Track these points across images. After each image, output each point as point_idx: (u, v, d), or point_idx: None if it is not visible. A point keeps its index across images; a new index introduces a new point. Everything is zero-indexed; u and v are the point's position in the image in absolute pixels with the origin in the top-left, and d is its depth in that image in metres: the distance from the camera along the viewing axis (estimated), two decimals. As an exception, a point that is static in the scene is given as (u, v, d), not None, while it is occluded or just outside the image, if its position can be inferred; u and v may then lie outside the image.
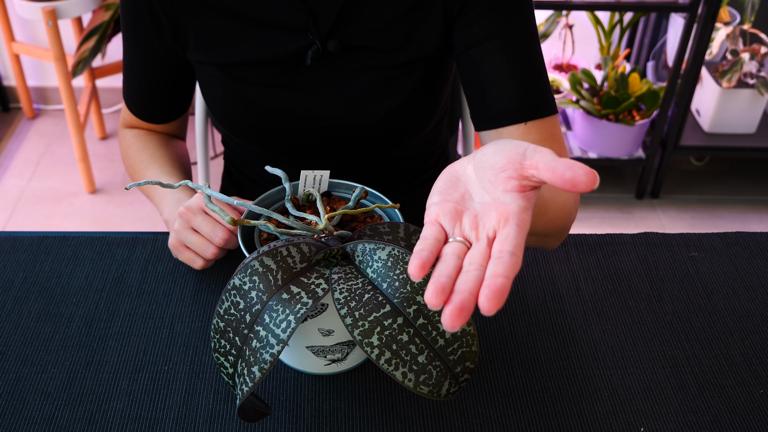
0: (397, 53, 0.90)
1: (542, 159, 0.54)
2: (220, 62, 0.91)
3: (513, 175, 0.56)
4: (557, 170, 0.52)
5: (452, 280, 0.51)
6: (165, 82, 0.97)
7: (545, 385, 0.79)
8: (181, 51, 0.93)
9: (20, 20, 2.53)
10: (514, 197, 0.56)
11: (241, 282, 0.64)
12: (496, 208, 0.55)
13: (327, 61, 0.90)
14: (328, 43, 0.89)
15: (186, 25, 0.90)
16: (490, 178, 0.58)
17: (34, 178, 2.43)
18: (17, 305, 0.86)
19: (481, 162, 0.59)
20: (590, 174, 0.51)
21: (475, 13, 0.87)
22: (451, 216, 0.57)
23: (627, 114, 2.25)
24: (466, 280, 0.51)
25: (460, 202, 0.58)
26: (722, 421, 0.76)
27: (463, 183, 0.60)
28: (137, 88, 0.99)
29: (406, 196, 1.09)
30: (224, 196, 0.75)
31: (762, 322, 0.87)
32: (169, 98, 1.00)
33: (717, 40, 2.18)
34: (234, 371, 0.65)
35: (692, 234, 0.99)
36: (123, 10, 0.92)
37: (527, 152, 0.56)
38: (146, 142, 1.02)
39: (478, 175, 0.59)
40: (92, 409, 0.75)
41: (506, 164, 0.57)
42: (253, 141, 0.98)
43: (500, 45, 0.87)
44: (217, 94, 0.95)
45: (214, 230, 0.83)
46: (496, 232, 0.54)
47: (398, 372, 0.61)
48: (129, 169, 1.04)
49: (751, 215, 2.39)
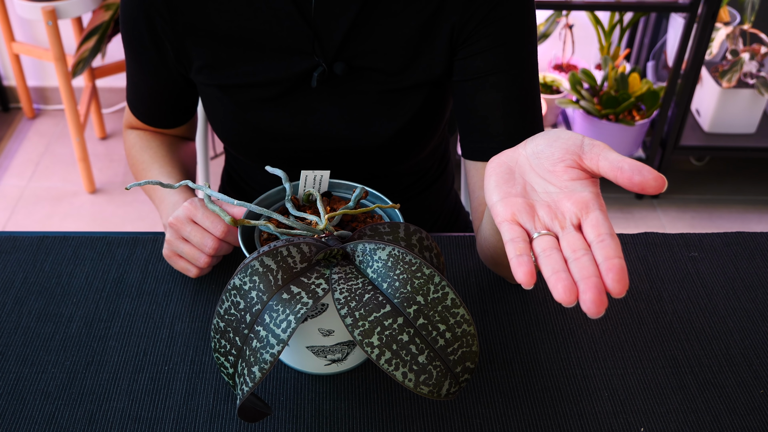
0: (402, 76, 0.89)
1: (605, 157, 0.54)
2: (222, 84, 0.91)
3: (572, 165, 0.56)
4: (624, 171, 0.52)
5: (569, 273, 0.51)
6: (169, 96, 0.97)
7: (545, 385, 0.79)
8: (184, 71, 0.93)
9: (20, 20, 2.53)
10: (583, 185, 0.55)
11: (242, 282, 0.64)
12: (569, 197, 0.55)
13: (332, 83, 0.90)
14: (334, 65, 0.88)
15: (188, 49, 0.89)
16: (548, 168, 0.57)
17: (34, 178, 2.43)
18: (17, 305, 0.86)
19: (535, 153, 0.58)
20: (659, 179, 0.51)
21: (479, 45, 0.86)
22: (526, 212, 0.56)
23: (627, 114, 2.25)
24: (583, 266, 0.50)
25: (526, 195, 0.58)
26: (722, 421, 0.76)
27: (518, 174, 0.59)
28: (142, 100, 0.98)
29: (407, 203, 1.09)
30: (224, 196, 0.75)
31: (762, 322, 0.87)
32: (174, 108, 1.00)
33: (717, 40, 2.18)
34: (234, 371, 0.65)
35: (692, 234, 0.99)
36: (124, 31, 0.91)
37: (584, 146, 0.56)
38: (149, 142, 1.02)
39: (534, 165, 0.58)
40: (92, 409, 0.75)
41: (564, 155, 0.56)
42: (255, 158, 0.98)
43: (498, 82, 0.86)
44: (219, 114, 0.94)
45: (204, 239, 0.83)
46: (579, 219, 0.54)
47: (398, 372, 0.61)
48: (132, 168, 1.04)
49: (751, 215, 2.39)
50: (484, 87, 0.87)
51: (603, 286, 0.49)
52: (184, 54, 0.90)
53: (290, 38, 0.87)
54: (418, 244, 0.71)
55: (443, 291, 0.64)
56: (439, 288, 0.64)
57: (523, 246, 0.54)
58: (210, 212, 0.83)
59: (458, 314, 0.63)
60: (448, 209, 1.18)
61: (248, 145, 0.96)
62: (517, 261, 0.52)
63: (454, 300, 0.63)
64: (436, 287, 0.64)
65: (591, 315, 0.48)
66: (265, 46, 0.88)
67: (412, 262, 0.64)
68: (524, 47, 0.86)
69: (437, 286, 0.64)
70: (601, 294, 0.49)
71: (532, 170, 0.59)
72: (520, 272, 0.51)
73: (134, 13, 0.88)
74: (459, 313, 0.63)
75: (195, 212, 0.83)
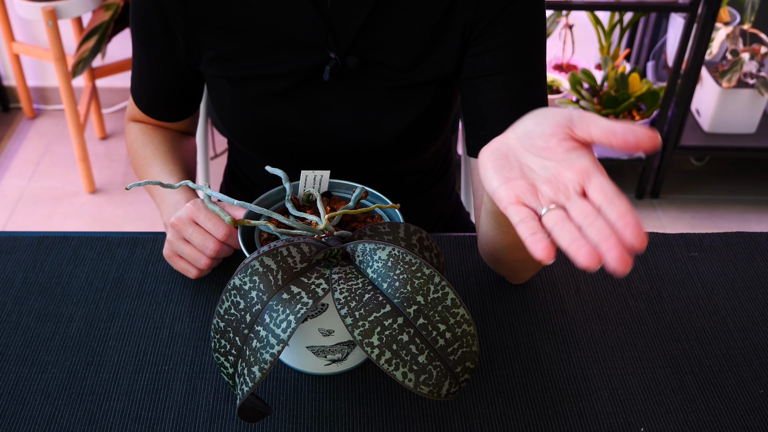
0: (412, 72, 0.89)
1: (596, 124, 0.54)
2: (232, 76, 0.91)
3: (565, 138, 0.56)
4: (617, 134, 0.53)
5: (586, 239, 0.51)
6: (175, 87, 0.97)
7: (545, 385, 0.79)
8: (193, 63, 0.93)
9: (20, 20, 2.53)
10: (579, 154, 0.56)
11: (242, 282, 0.64)
12: (568, 167, 0.56)
13: (343, 77, 0.90)
14: (347, 58, 0.88)
15: (199, 40, 0.89)
16: (541, 145, 0.58)
17: (34, 178, 2.43)
18: (17, 305, 0.86)
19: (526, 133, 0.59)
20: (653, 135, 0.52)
21: (489, 44, 0.86)
22: (529, 192, 0.57)
23: (627, 114, 2.25)
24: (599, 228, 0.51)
25: (525, 176, 0.58)
26: (722, 421, 0.76)
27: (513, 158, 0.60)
28: (147, 90, 0.98)
29: (410, 202, 1.09)
30: (225, 196, 0.74)
31: (762, 322, 0.87)
32: (179, 100, 0.99)
33: (717, 40, 2.18)
34: (234, 371, 0.65)
35: (692, 234, 0.99)
36: (134, 22, 0.91)
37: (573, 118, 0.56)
38: (151, 137, 1.01)
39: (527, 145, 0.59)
40: (92, 409, 0.75)
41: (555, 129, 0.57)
42: (262, 153, 0.97)
43: (506, 81, 0.86)
44: (227, 106, 0.94)
45: (206, 241, 0.83)
46: (582, 186, 0.54)
47: (398, 372, 0.61)
48: (133, 163, 1.03)
49: (751, 215, 2.39)
50: (492, 85, 0.87)
51: (623, 244, 0.49)
52: (194, 45, 0.90)
53: (304, 31, 0.87)
54: (418, 244, 0.71)
55: (443, 291, 0.64)
56: (439, 288, 0.64)
57: (534, 224, 0.54)
58: (212, 214, 0.83)
59: (458, 314, 0.63)
60: (449, 209, 1.18)
61: (256, 139, 0.96)
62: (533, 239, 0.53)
63: (454, 300, 0.64)
64: (436, 287, 0.64)
65: (619, 273, 0.49)
66: (278, 39, 0.88)
67: (412, 262, 0.64)
68: (534, 47, 0.87)
69: (437, 286, 0.64)
70: (624, 251, 0.49)
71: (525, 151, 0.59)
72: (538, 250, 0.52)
73: (146, 3, 0.88)
74: (459, 313, 0.64)
75: (197, 214, 0.83)
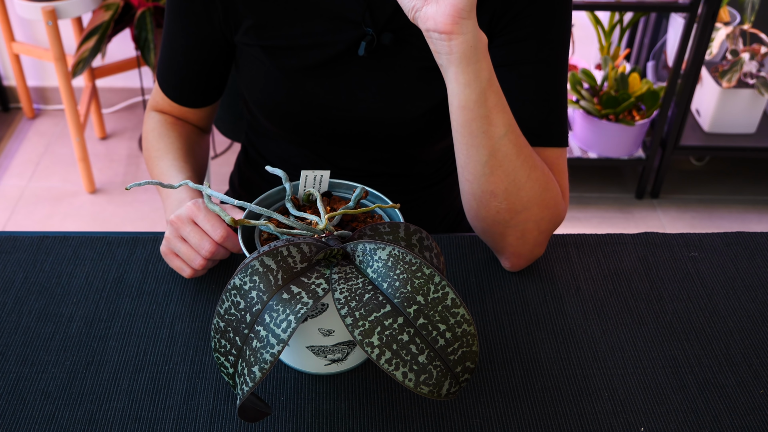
0: None
1: None
2: (268, 45, 0.92)
3: None
4: None
5: None
6: (204, 64, 0.98)
7: (545, 385, 0.79)
8: (229, 33, 0.94)
9: (20, 20, 2.53)
10: None
11: (242, 282, 0.64)
12: None
13: (377, 54, 0.92)
14: (382, 35, 0.90)
15: (239, 8, 0.91)
16: None
17: (34, 178, 2.43)
18: (17, 305, 0.86)
19: None
20: None
21: (514, 35, 0.88)
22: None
23: (627, 114, 2.25)
24: None
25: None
26: (722, 421, 0.76)
27: None
28: (176, 70, 0.99)
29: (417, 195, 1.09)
30: (225, 196, 0.75)
31: (762, 322, 0.87)
32: (206, 81, 1.00)
33: (717, 40, 2.18)
34: (234, 371, 0.65)
35: (692, 234, 0.99)
36: None
37: None
38: (168, 130, 1.02)
39: None
40: (92, 409, 0.75)
41: None
42: (290, 130, 0.99)
43: (526, 72, 0.88)
44: (258, 82, 0.95)
45: (202, 242, 0.83)
46: None
47: (398, 372, 0.61)
48: (145, 153, 1.04)
49: (751, 215, 2.39)
50: (512, 75, 0.88)
51: None
52: (233, 13, 0.91)
53: (343, 4, 0.89)
54: (418, 244, 0.71)
55: (443, 291, 0.64)
56: (439, 288, 0.64)
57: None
58: (212, 215, 0.83)
59: (458, 314, 0.64)
60: (456, 208, 1.19)
61: (284, 116, 0.97)
62: None
63: (454, 300, 0.64)
64: (436, 287, 0.64)
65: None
66: (317, 10, 0.90)
67: (412, 262, 0.64)
68: (555, 42, 0.88)
69: (437, 286, 0.64)
70: None
71: None
72: None
73: None
74: (459, 313, 0.64)
75: (197, 213, 0.83)
